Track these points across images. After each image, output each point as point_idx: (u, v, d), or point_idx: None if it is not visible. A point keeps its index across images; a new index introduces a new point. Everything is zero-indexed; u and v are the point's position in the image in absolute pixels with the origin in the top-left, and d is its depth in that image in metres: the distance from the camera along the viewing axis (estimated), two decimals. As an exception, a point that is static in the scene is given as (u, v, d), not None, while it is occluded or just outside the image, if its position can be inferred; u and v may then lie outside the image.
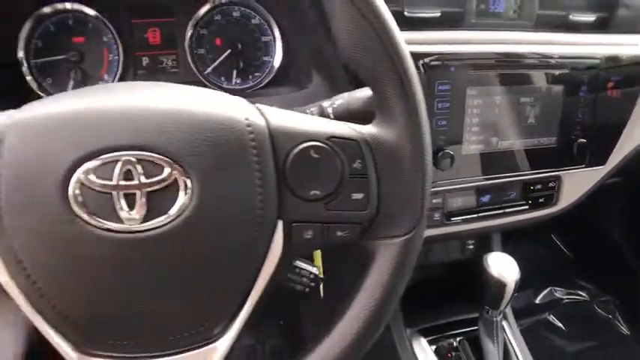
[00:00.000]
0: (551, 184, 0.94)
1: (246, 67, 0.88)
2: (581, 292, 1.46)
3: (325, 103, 0.64)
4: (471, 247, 1.05)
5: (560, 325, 1.40)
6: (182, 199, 0.41)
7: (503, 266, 0.86)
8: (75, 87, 0.83)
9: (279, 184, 0.45)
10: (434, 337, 0.97)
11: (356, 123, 0.64)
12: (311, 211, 0.46)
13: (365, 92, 0.61)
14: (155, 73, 0.86)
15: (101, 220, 0.40)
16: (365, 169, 0.47)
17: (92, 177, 0.40)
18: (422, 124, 0.47)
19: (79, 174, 0.40)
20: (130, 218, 0.40)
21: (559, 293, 1.46)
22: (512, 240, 1.10)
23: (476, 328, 0.94)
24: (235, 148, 0.43)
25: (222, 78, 0.88)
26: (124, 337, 0.45)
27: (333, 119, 0.61)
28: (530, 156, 0.88)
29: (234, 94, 0.83)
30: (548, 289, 1.46)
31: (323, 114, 0.64)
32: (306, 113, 0.65)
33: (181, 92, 0.46)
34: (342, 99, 0.63)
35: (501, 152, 0.86)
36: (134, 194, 0.40)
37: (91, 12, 0.82)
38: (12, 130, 0.41)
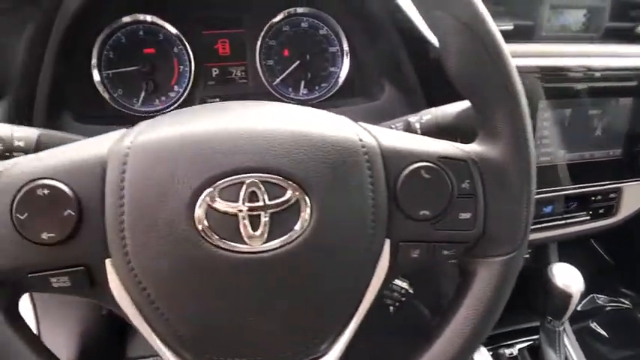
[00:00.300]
0: (612, 195, 0.93)
1: (313, 77, 0.89)
2: (623, 300, 1.45)
3: (412, 119, 0.64)
4: (528, 256, 1.05)
5: (602, 332, 1.39)
6: (302, 219, 0.42)
7: (568, 277, 0.86)
8: (146, 98, 0.84)
9: (389, 203, 0.45)
10: (494, 345, 0.97)
11: (445, 139, 0.65)
12: (419, 230, 0.46)
13: (454, 108, 0.61)
14: (224, 83, 0.87)
15: (226, 242, 0.41)
16: (473, 190, 0.47)
17: (218, 199, 0.40)
18: (529, 145, 0.47)
19: (205, 196, 0.40)
20: (254, 239, 0.41)
21: (601, 300, 1.46)
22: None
23: (536, 337, 0.94)
24: (352, 169, 0.43)
25: (290, 89, 0.89)
26: (236, 353, 0.45)
27: (421, 135, 0.63)
28: (595, 168, 0.88)
29: (302, 105, 0.82)
30: (590, 296, 1.45)
31: (410, 129, 0.64)
32: (392, 128, 0.65)
33: (295, 113, 0.47)
34: (429, 114, 0.63)
35: (567, 164, 0.86)
36: (258, 215, 0.41)
37: (162, 23, 0.82)
38: (136, 152, 0.41)
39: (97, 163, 0.41)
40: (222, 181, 0.40)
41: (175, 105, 0.85)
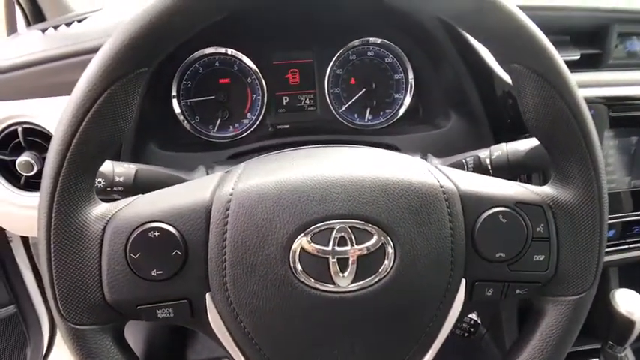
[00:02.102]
0: (675, 220, 0.92)
1: (378, 104, 0.91)
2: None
3: (482, 154, 0.66)
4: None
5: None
6: (386, 262, 0.44)
7: (631, 303, 0.85)
8: (221, 125, 0.88)
9: (467, 246, 0.47)
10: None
11: (514, 175, 0.66)
12: (494, 271, 0.48)
13: (525, 145, 0.63)
14: (294, 111, 0.90)
15: (317, 282, 0.44)
16: (547, 233, 0.49)
17: (311, 243, 0.43)
18: (603, 194, 0.49)
19: (299, 240, 0.43)
20: (342, 279, 0.44)
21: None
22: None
23: (596, 360, 0.94)
24: (432, 214, 0.46)
25: (356, 115, 0.91)
26: None
27: (491, 171, 0.65)
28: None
29: (367, 132, 0.78)
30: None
31: (480, 165, 0.66)
32: (463, 164, 0.67)
33: (376, 158, 0.49)
34: (500, 151, 0.64)
35: (631, 191, 0.85)
36: (346, 259, 0.44)
37: (239, 55, 0.86)
38: (237, 198, 0.44)
39: (202, 208, 0.45)
40: (315, 226, 0.43)
41: (248, 132, 0.89)
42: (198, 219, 0.45)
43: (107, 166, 0.61)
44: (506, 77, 0.75)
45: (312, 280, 0.44)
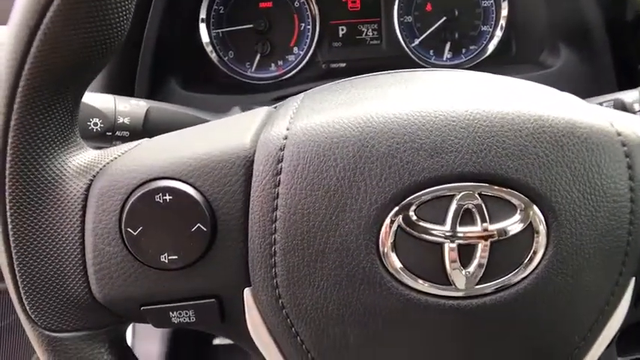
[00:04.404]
0: None
1: (460, 38, 0.77)
2: None
3: (628, 97, 0.52)
4: None
5: None
6: (535, 252, 0.31)
7: None
8: (261, 62, 0.76)
9: None
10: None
11: None
12: None
13: None
14: (353, 45, 0.78)
15: (423, 281, 0.31)
16: None
17: (416, 219, 0.30)
18: None
19: (396, 214, 0.30)
20: (464, 279, 0.31)
21: None
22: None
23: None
24: (607, 179, 0.32)
25: (432, 52, 0.78)
26: None
27: None
28: None
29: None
30: None
31: (625, 112, 0.51)
32: None
33: (509, 87, 0.35)
34: None
35: None
36: (473, 246, 0.30)
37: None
38: (296, 143, 0.31)
39: (239, 159, 0.32)
40: (421, 192, 0.30)
41: (294, 71, 0.77)
42: (233, 176, 0.32)
43: (107, 102, 0.49)
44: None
45: (415, 279, 0.31)
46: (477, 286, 0.31)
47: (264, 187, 0.31)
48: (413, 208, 0.30)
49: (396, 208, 0.30)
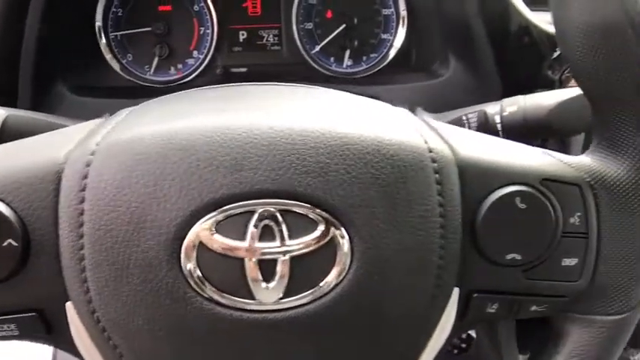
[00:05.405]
0: None
1: (360, 46, 0.77)
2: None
3: (490, 109, 0.53)
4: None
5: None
6: (338, 265, 0.31)
7: None
8: (160, 65, 0.75)
9: (464, 242, 0.34)
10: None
11: (529, 140, 0.53)
12: (503, 279, 0.36)
13: (550, 99, 0.50)
14: (253, 50, 0.78)
15: (225, 295, 0.31)
16: (584, 226, 0.36)
17: (215, 236, 0.30)
18: None
19: (196, 230, 0.30)
20: (266, 292, 0.31)
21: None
22: None
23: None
24: (415, 194, 0.32)
25: (332, 59, 0.78)
26: None
27: (501, 132, 0.52)
28: None
29: (345, 80, 0.69)
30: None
31: (487, 123, 0.52)
32: (463, 121, 0.54)
33: (333, 103, 0.36)
34: (515, 105, 0.51)
35: None
36: (274, 261, 0.30)
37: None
38: (102, 159, 0.31)
39: (50, 174, 0.32)
40: (220, 209, 0.30)
41: (194, 74, 0.76)
42: (43, 191, 0.31)
43: None
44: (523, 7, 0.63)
45: (220, 294, 0.31)
46: (283, 300, 0.31)
47: (71, 202, 0.31)
48: (213, 224, 0.30)
49: (196, 225, 0.30)
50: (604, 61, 0.34)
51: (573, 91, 0.50)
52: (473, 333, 0.52)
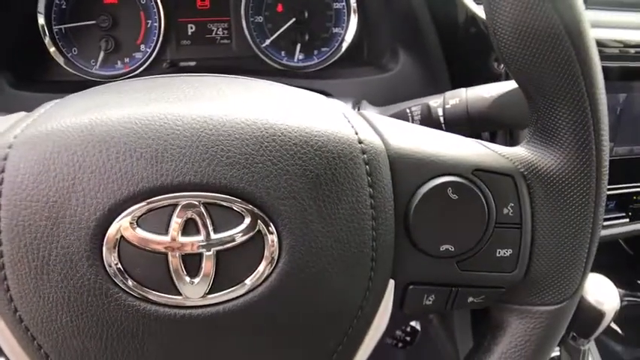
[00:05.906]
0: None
1: (311, 40, 0.77)
2: (641, 294, 1.35)
3: (433, 102, 0.53)
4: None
5: (616, 329, 1.30)
6: (266, 259, 0.31)
7: (602, 292, 0.74)
8: (106, 59, 0.73)
9: (397, 233, 0.34)
10: None
11: (474, 132, 0.53)
12: (438, 271, 0.36)
13: (492, 91, 0.49)
14: (202, 44, 0.76)
15: (149, 291, 0.30)
16: (518, 217, 0.36)
17: (137, 230, 0.29)
18: (603, 157, 0.36)
19: (117, 225, 0.29)
20: (191, 288, 0.30)
21: (617, 295, 1.36)
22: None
23: (555, 355, 0.83)
24: (344, 185, 0.32)
25: (283, 53, 0.77)
26: None
27: (444, 125, 0.52)
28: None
29: (296, 75, 0.68)
30: (605, 289, 1.36)
31: (430, 117, 0.52)
32: (407, 114, 0.54)
33: (261, 94, 0.35)
34: (457, 98, 0.51)
35: (615, 159, 0.73)
36: (199, 255, 0.30)
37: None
38: (18, 152, 0.30)
39: None
40: (141, 203, 0.29)
41: (141, 69, 0.74)
42: None
43: None
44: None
45: (145, 290, 0.30)
46: (210, 295, 0.30)
47: None
48: (134, 218, 0.29)
49: (117, 219, 0.29)
50: (535, 56, 0.34)
51: (515, 84, 0.51)
52: (417, 326, 0.52)
